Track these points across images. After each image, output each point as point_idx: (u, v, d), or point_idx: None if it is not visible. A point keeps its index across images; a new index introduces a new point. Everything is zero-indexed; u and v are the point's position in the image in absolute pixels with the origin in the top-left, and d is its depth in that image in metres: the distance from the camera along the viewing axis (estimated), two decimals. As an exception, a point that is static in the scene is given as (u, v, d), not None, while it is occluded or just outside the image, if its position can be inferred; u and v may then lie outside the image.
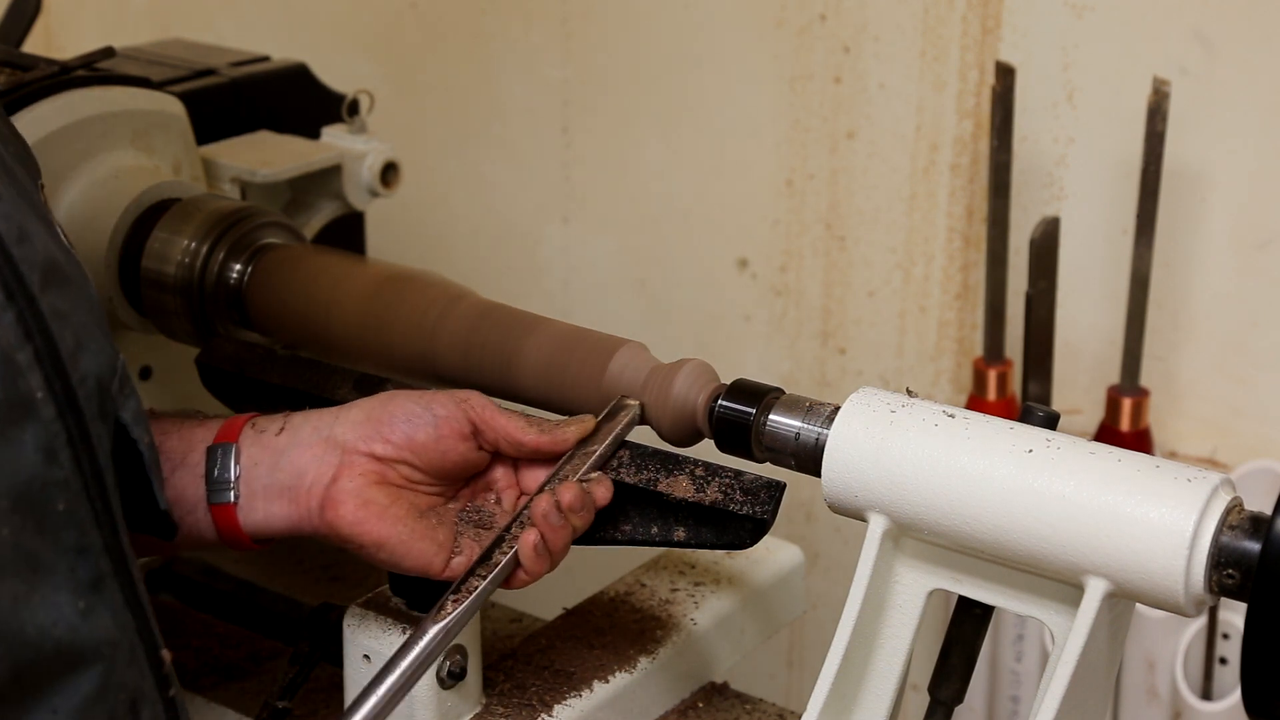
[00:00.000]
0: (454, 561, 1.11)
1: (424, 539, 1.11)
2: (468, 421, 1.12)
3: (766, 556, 1.38)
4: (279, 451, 1.12)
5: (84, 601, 0.87)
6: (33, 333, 0.85)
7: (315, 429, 1.13)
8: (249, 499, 1.12)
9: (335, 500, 1.10)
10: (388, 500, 1.11)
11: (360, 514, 1.10)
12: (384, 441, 1.11)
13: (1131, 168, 1.69)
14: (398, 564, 1.11)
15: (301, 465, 1.11)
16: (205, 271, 1.34)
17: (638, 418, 1.16)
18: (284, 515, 1.12)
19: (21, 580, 0.84)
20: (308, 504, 1.11)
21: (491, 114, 2.14)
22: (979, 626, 1.09)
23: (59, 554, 0.86)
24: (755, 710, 1.29)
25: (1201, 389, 1.78)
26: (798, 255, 1.97)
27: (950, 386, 1.92)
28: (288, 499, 1.11)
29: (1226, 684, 1.73)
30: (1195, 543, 0.95)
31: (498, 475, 1.16)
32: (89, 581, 0.87)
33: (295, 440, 1.12)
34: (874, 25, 1.85)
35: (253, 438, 1.13)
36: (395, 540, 1.10)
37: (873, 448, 1.04)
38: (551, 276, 2.16)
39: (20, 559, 0.84)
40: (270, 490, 1.12)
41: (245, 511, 1.12)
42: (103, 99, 1.38)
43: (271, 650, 1.36)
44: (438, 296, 1.26)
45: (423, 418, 1.12)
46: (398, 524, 1.10)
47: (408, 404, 1.13)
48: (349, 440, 1.12)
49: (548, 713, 1.21)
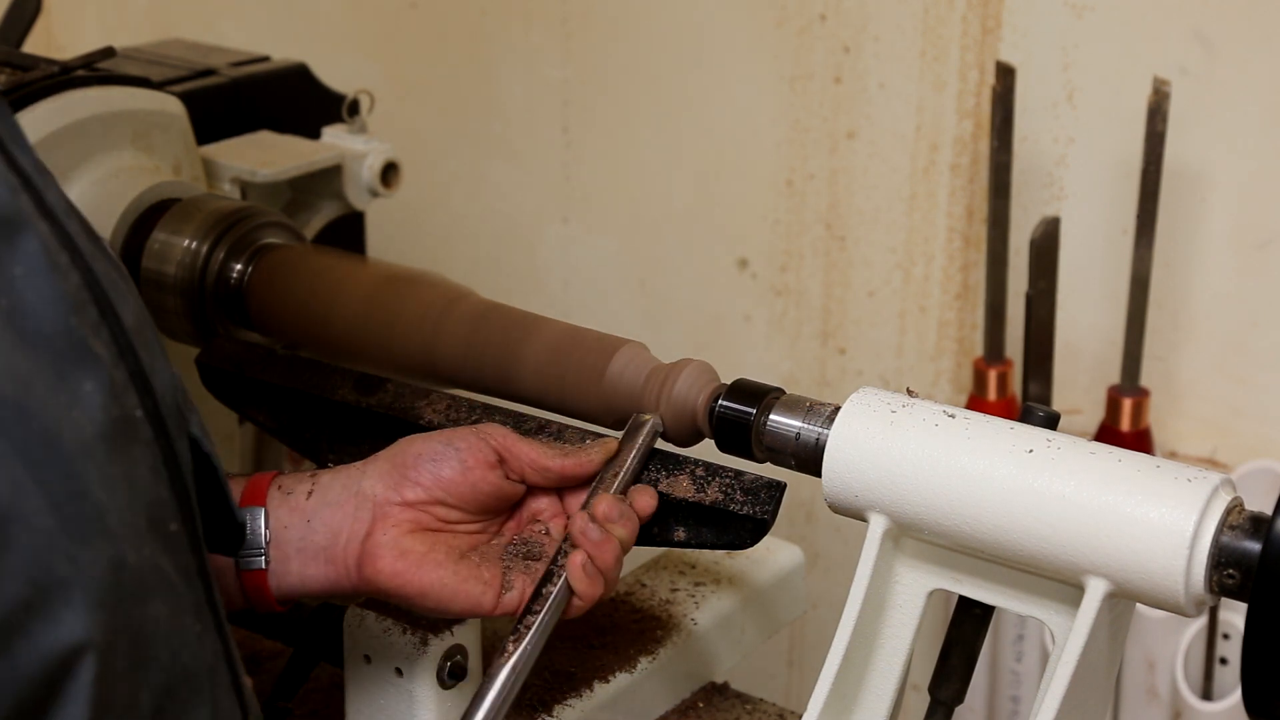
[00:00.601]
0: (505, 598, 1.09)
1: (468, 580, 1.09)
2: (492, 450, 1.11)
3: (766, 556, 1.38)
4: (310, 513, 1.10)
5: (198, 625, 0.85)
6: (124, 351, 0.82)
7: (344, 486, 1.11)
8: (281, 563, 1.10)
9: (372, 555, 1.08)
10: (425, 547, 1.09)
11: (398, 565, 1.08)
12: (413, 485, 1.10)
13: (1131, 168, 1.69)
14: (445, 609, 1.09)
15: (335, 524, 1.09)
16: (205, 271, 1.34)
17: (660, 429, 1.15)
18: (320, 577, 1.10)
19: (161, 602, 0.81)
20: (345, 563, 1.09)
21: (491, 114, 2.14)
22: (979, 626, 1.09)
23: (179, 575, 0.84)
24: (755, 710, 1.29)
25: (1201, 389, 1.78)
26: (798, 255, 1.97)
27: (950, 386, 1.92)
28: (323, 560, 1.09)
29: (1226, 684, 1.73)
30: (1195, 543, 0.95)
31: (543, 505, 1.14)
32: (195, 605, 0.85)
33: (325, 500, 1.10)
34: (874, 25, 1.85)
35: (280, 499, 1.11)
36: (438, 586, 1.08)
37: (873, 448, 1.04)
38: (551, 276, 2.16)
39: (159, 579, 0.81)
40: (304, 553, 1.10)
41: (276, 576, 1.10)
42: (103, 99, 1.38)
43: (271, 650, 1.36)
44: (438, 296, 1.26)
45: (445, 454, 1.10)
46: (439, 569, 1.08)
47: (429, 444, 1.11)
48: (378, 492, 1.10)
49: (547, 713, 1.21)
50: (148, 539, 0.81)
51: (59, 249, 0.79)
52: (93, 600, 0.76)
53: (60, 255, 0.79)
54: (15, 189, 0.78)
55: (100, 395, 0.79)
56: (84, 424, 0.78)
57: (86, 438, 0.78)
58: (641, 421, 1.15)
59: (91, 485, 0.77)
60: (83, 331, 0.79)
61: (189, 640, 0.84)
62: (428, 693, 1.15)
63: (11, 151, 0.80)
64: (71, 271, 0.80)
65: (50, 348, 0.77)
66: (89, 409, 0.78)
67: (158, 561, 0.81)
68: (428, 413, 1.22)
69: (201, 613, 0.86)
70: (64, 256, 0.80)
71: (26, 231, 0.78)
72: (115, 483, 0.79)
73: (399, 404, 1.24)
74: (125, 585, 0.78)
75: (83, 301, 0.80)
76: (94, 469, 0.78)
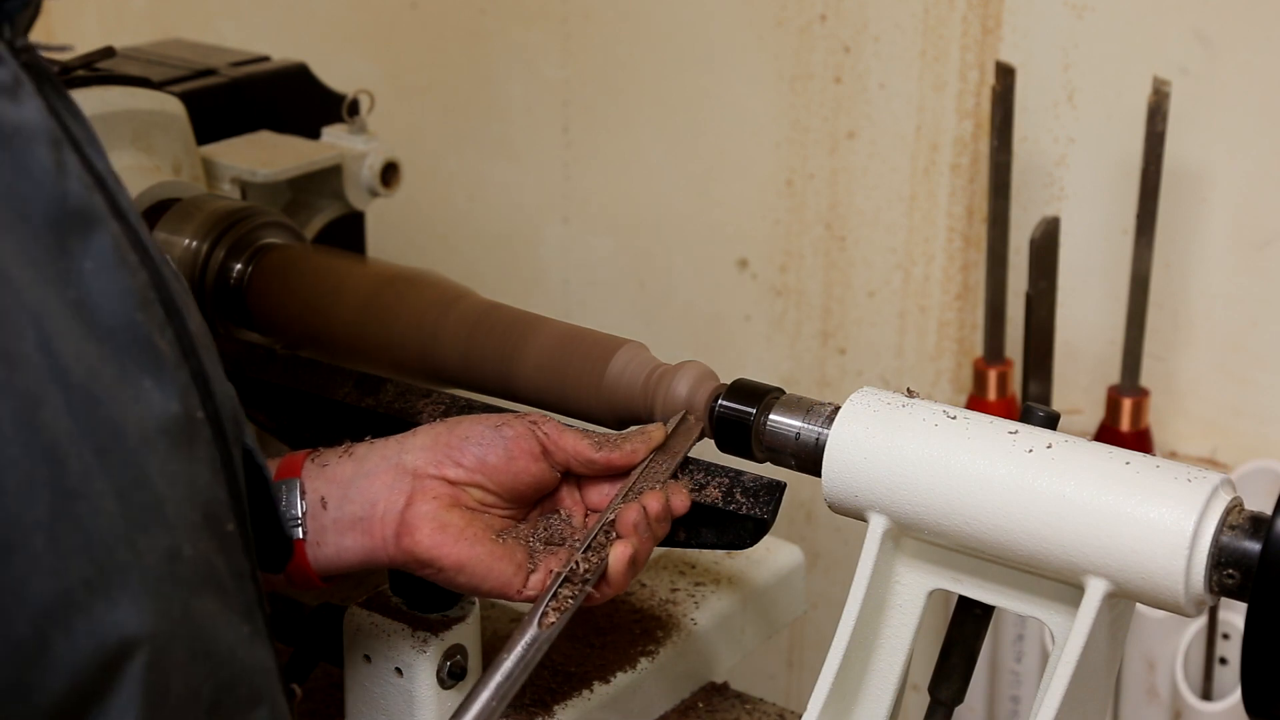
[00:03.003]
0: (531, 580, 1.10)
1: (503, 560, 1.09)
2: (537, 442, 1.11)
3: (766, 556, 1.38)
4: (346, 483, 1.10)
5: (248, 627, 0.85)
6: (188, 353, 0.84)
7: (383, 457, 1.11)
8: (318, 534, 1.10)
9: (411, 525, 1.08)
10: (464, 523, 1.09)
11: (438, 537, 1.08)
12: (456, 465, 1.10)
13: (1131, 168, 1.69)
14: (477, 587, 1.09)
15: (372, 495, 1.09)
16: (205, 271, 1.34)
17: (702, 432, 1.15)
18: (357, 547, 1.10)
19: (213, 597, 0.82)
20: (382, 533, 1.09)
21: (491, 114, 2.14)
22: (979, 626, 1.09)
23: (231, 575, 0.84)
24: (755, 710, 1.29)
25: (1201, 389, 1.78)
26: (798, 255, 1.97)
27: (950, 386, 1.92)
28: (360, 530, 1.09)
29: (1226, 684, 1.73)
30: (1195, 543, 0.95)
31: (563, 494, 1.15)
32: (246, 607, 0.86)
33: (362, 470, 1.10)
34: (874, 25, 1.85)
35: (315, 471, 1.11)
36: (475, 562, 1.08)
37: (873, 448, 1.04)
38: (551, 276, 2.16)
39: (210, 576, 0.82)
40: (341, 524, 1.09)
41: (314, 548, 1.10)
42: (103, 99, 1.38)
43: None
44: (438, 296, 1.26)
45: (493, 440, 1.10)
46: (477, 545, 1.08)
47: (477, 427, 1.11)
48: (419, 465, 1.10)
49: (547, 713, 1.21)
50: (204, 535, 0.82)
51: (129, 248, 0.81)
52: (150, 588, 0.78)
53: (130, 254, 0.81)
54: (90, 187, 0.80)
55: (163, 390, 0.81)
56: (147, 417, 0.80)
57: (149, 430, 0.80)
58: (688, 419, 1.15)
59: (153, 475, 0.79)
60: (148, 328, 0.81)
61: (242, 639, 0.85)
62: (428, 693, 1.15)
63: (88, 153, 0.82)
64: (140, 270, 0.82)
65: (116, 341, 0.79)
66: (152, 403, 0.80)
67: (212, 559, 0.83)
68: (428, 413, 1.22)
69: (253, 616, 0.87)
70: (133, 255, 0.82)
71: (99, 228, 0.80)
72: (175, 476, 0.81)
73: (399, 404, 1.24)
74: (180, 575, 0.80)
75: (149, 300, 0.82)
76: (155, 460, 0.79)
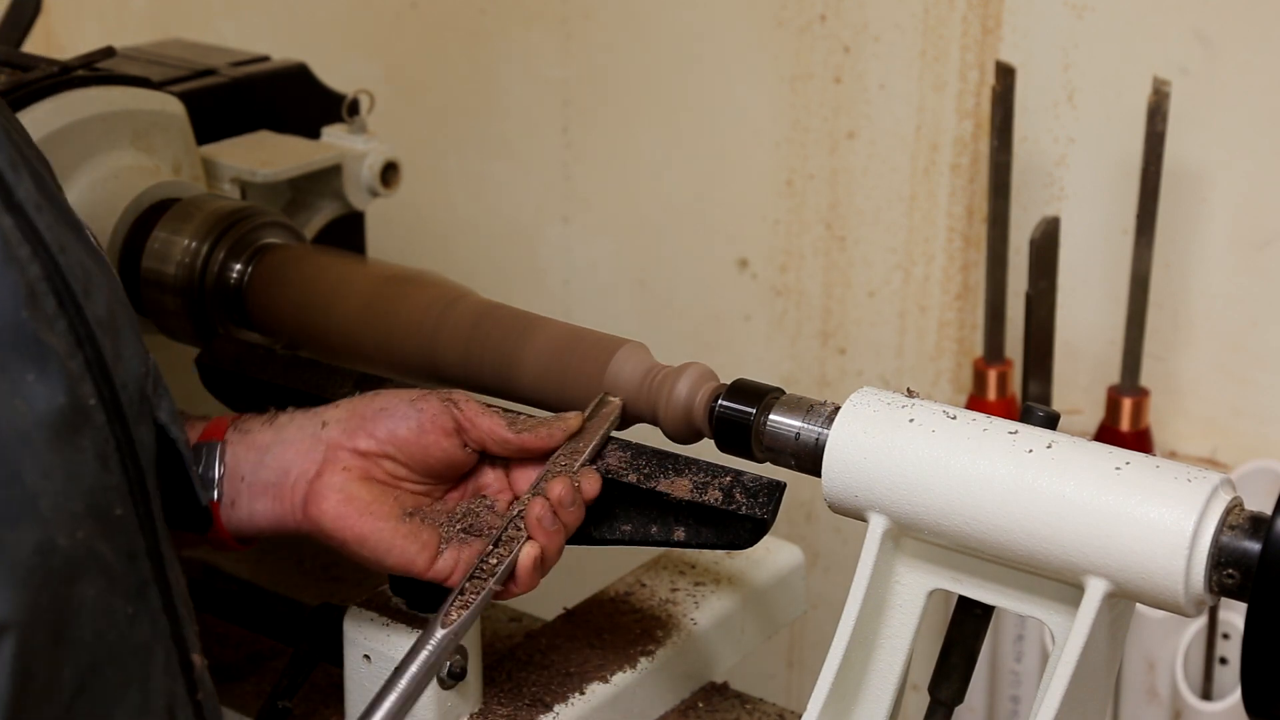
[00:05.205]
0: (439, 563, 1.10)
1: (407, 538, 1.10)
2: (451, 419, 1.12)
3: (766, 556, 1.38)
4: (264, 449, 1.12)
5: (132, 607, 0.88)
6: (82, 341, 0.86)
7: (300, 426, 1.13)
8: (232, 496, 1.11)
9: (318, 495, 1.10)
10: (371, 497, 1.10)
11: (343, 509, 1.09)
12: (367, 436, 1.11)
13: (1131, 168, 1.69)
14: (380, 561, 1.10)
15: (286, 462, 1.11)
16: (205, 271, 1.34)
17: (620, 414, 1.16)
18: (267, 512, 1.11)
19: (92, 583, 0.85)
20: (291, 500, 1.11)
21: (491, 114, 2.14)
22: (979, 626, 1.09)
23: (118, 559, 0.87)
24: (755, 710, 1.29)
25: (1201, 389, 1.78)
26: (798, 255, 1.97)
27: (950, 386, 1.92)
28: (271, 496, 1.11)
29: (1226, 684, 1.73)
30: (1195, 543, 0.95)
31: (490, 479, 1.16)
32: (135, 587, 0.88)
33: (280, 438, 1.12)
34: (874, 25, 1.85)
35: (237, 437, 1.13)
36: (377, 537, 1.09)
37: (873, 448, 1.04)
38: (551, 276, 2.16)
39: (93, 562, 0.84)
40: (254, 488, 1.11)
41: (229, 509, 1.12)
42: (103, 99, 1.38)
43: (271, 650, 1.36)
44: (438, 296, 1.26)
45: (406, 412, 1.11)
46: (381, 521, 1.09)
47: (392, 400, 1.13)
48: (333, 436, 1.11)
49: (548, 713, 1.21)
50: (85, 523, 0.84)
51: (20, 242, 0.83)
52: (19, 579, 0.80)
53: (20, 248, 0.83)
54: None
55: (48, 384, 0.82)
56: (24, 412, 0.81)
57: (26, 426, 0.81)
58: (605, 402, 1.16)
59: (24, 471, 0.81)
60: (35, 324, 0.82)
61: (118, 621, 0.87)
62: (428, 693, 1.15)
63: None
64: (31, 263, 0.83)
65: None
66: (35, 397, 0.82)
67: (94, 545, 0.85)
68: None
69: (144, 593, 0.89)
70: (25, 249, 0.83)
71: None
72: (53, 469, 0.83)
73: (399, 404, 1.24)
74: (52, 567, 0.82)
75: (39, 293, 0.83)
76: (29, 456, 0.81)
